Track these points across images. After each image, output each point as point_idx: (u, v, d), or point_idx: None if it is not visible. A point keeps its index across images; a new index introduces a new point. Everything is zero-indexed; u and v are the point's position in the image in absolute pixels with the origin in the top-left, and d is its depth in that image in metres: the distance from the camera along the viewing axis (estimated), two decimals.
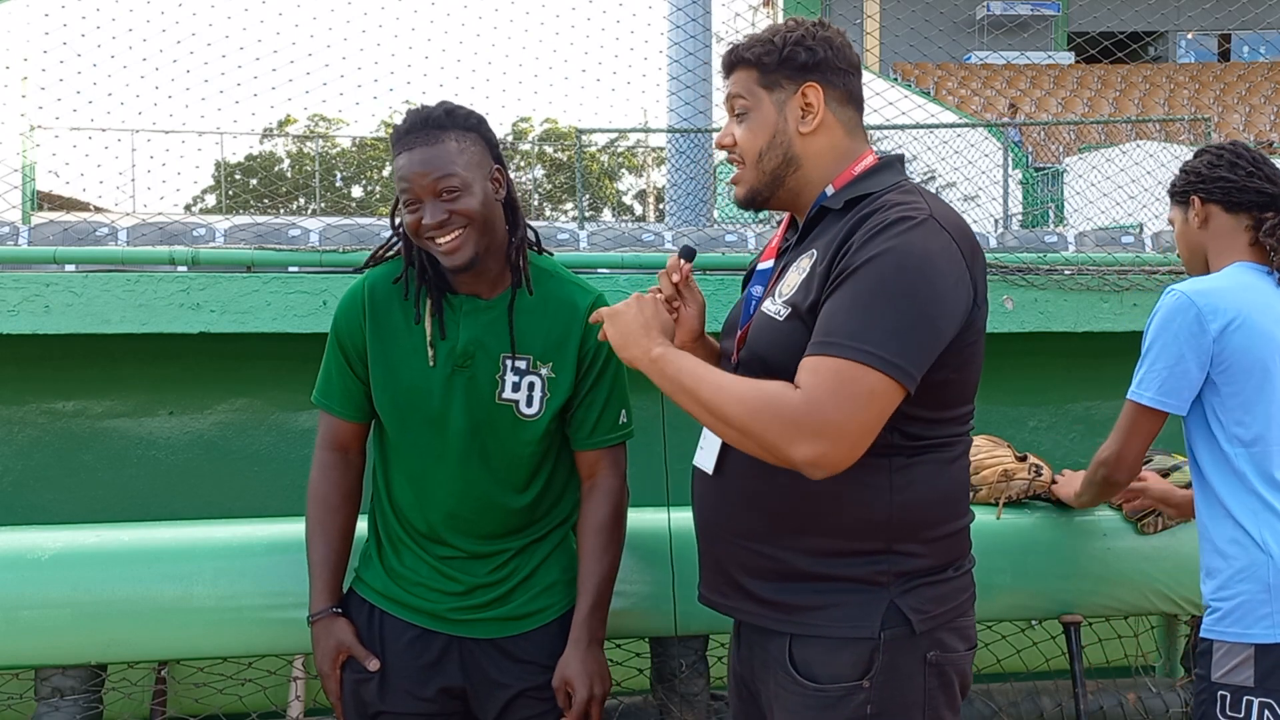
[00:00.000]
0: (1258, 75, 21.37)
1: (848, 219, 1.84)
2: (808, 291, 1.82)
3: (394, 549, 2.29)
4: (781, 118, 1.92)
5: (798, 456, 1.71)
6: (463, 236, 2.11)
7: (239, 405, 3.69)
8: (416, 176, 2.09)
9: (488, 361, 2.19)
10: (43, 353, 3.32)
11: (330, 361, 2.29)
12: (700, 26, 12.33)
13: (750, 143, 1.94)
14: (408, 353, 2.21)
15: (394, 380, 2.21)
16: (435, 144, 2.10)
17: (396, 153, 2.13)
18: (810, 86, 1.91)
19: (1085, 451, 3.99)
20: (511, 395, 2.19)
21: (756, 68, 1.93)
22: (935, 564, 1.87)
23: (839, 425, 1.70)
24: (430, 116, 2.13)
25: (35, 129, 14.30)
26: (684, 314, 2.04)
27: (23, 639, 2.41)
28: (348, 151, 32.97)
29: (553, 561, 2.29)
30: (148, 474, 3.63)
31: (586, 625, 2.22)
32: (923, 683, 1.84)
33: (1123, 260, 3.72)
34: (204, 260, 3.46)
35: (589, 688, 2.18)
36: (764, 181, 1.95)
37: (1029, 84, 21.33)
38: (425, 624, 2.24)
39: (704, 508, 2.01)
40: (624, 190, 36.26)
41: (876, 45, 21.34)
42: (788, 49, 1.91)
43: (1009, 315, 3.47)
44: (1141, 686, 2.90)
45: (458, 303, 2.21)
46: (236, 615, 2.47)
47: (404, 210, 2.13)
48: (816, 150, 1.93)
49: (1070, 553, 2.74)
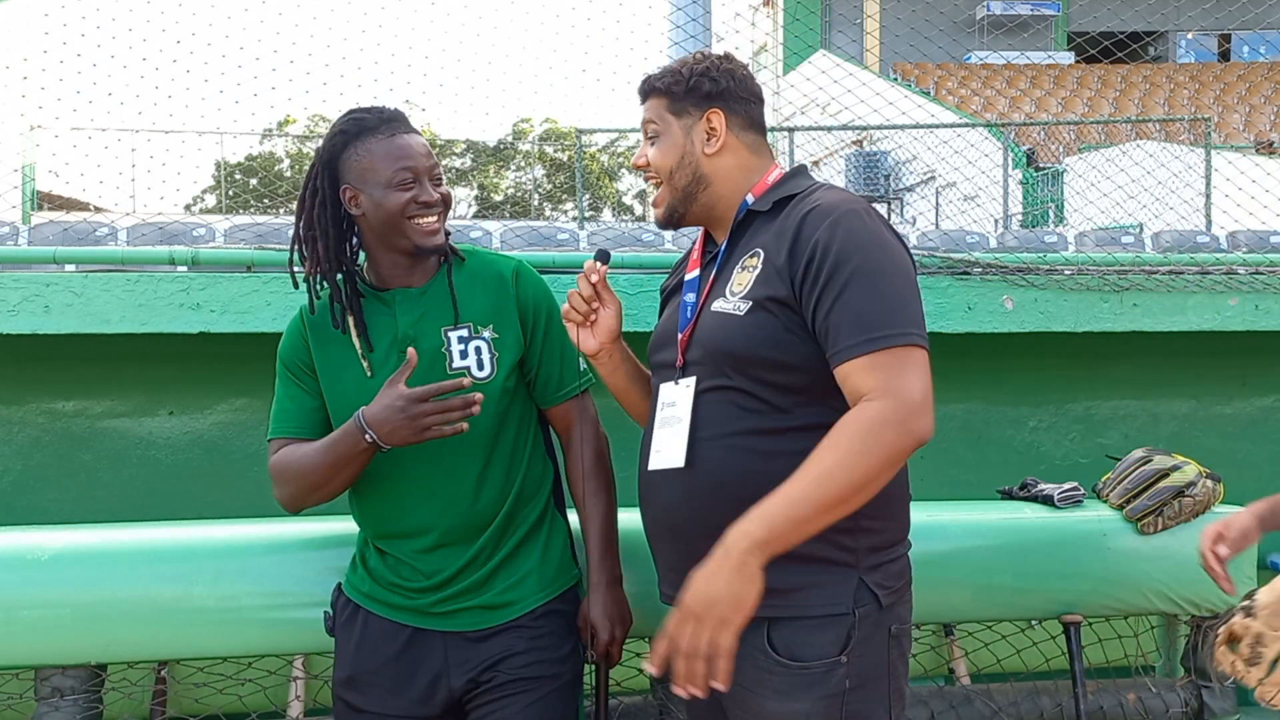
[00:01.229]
0: (1258, 75, 21.36)
1: (784, 217, 2.01)
2: (768, 284, 1.96)
3: (373, 550, 2.31)
4: (688, 140, 2.12)
5: (917, 439, 1.84)
6: (442, 220, 2.25)
7: (239, 405, 3.69)
8: (419, 155, 2.21)
9: (430, 339, 2.24)
10: (43, 353, 3.32)
11: (281, 392, 2.32)
12: (700, 26, 12.34)
13: (662, 162, 2.13)
14: (350, 369, 2.25)
15: (344, 395, 2.24)
16: (414, 134, 2.24)
17: (374, 139, 2.21)
18: (714, 112, 2.11)
19: (1085, 451, 4.01)
20: (461, 363, 2.25)
21: (666, 95, 2.14)
22: (892, 539, 2.01)
23: (924, 396, 1.85)
24: (395, 112, 2.25)
25: (35, 129, 14.29)
26: (602, 315, 2.21)
27: (23, 639, 2.41)
28: None
29: (527, 550, 2.31)
30: (148, 474, 3.63)
31: (602, 567, 2.33)
32: (886, 654, 1.97)
33: (1123, 260, 3.71)
34: (204, 260, 3.45)
35: (610, 630, 2.30)
36: (678, 198, 2.14)
37: (1029, 84, 21.31)
38: (411, 621, 2.26)
39: (668, 506, 2.06)
40: (624, 190, 36.27)
41: (876, 45, 21.35)
42: (693, 79, 2.12)
43: (1009, 315, 3.47)
44: (1141, 686, 2.90)
45: (388, 297, 2.27)
46: (236, 615, 2.48)
47: (390, 190, 2.19)
48: (724, 169, 2.12)
49: (1070, 553, 2.75)
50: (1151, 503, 2.77)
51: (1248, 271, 3.64)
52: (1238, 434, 4.09)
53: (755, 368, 1.95)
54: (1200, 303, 3.58)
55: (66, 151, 13.66)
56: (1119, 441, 3.80)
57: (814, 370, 1.93)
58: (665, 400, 2.08)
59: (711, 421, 2.00)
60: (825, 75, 7.95)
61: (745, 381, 1.97)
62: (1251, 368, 4.05)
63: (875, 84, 14.08)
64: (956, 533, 2.66)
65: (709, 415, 2.00)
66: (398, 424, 2.08)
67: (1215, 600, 2.77)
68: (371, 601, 2.28)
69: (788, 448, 1.92)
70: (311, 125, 32.23)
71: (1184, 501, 2.77)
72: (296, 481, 2.23)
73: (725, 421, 1.98)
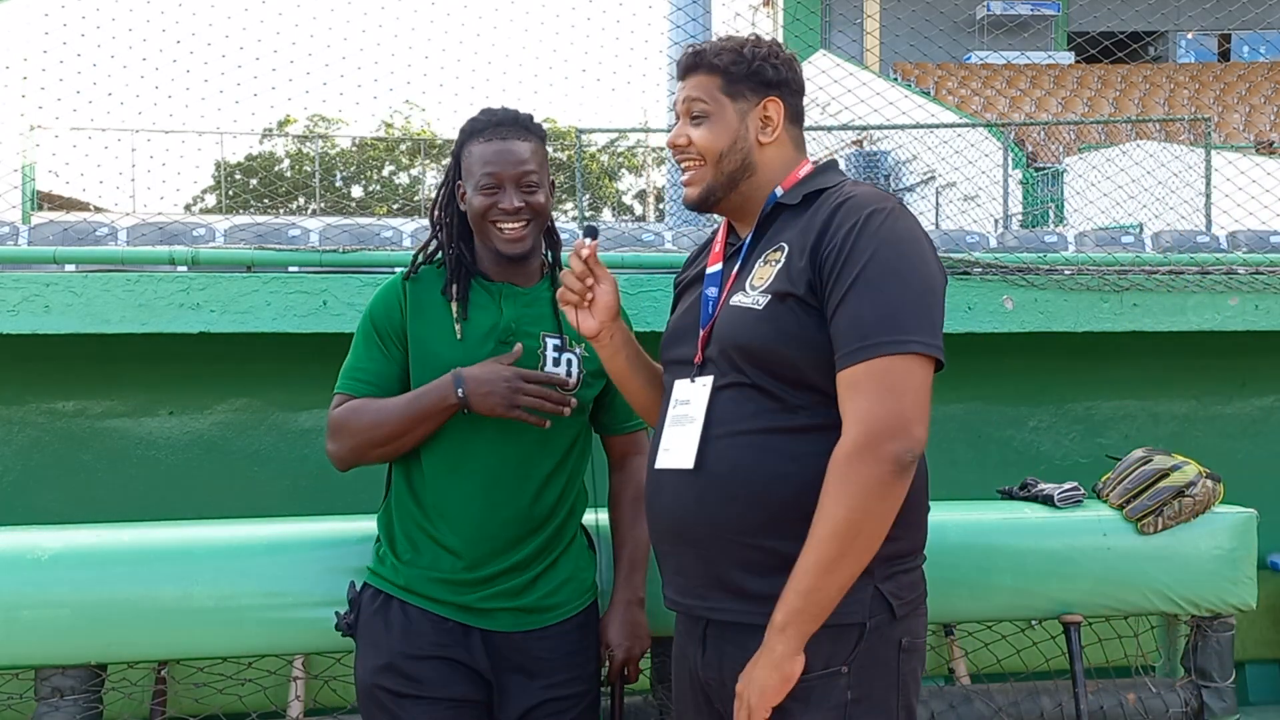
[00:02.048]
0: (1258, 75, 21.35)
1: (813, 211, 1.96)
2: (788, 280, 1.91)
3: (412, 544, 2.30)
4: (743, 125, 2.04)
5: (894, 460, 1.79)
6: (529, 228, 2.28)
7: (239, 405, 3.69)
8: (507, 163, 2.26)
9: (529, 339, 2.30)
10: (43, 353, 3.32)
11: (360, 351, 2.34)
12: (700, 26, 12.36)
13: (711, 144, 2.03)
14: (444, 329, 2.30)
15: (433, 354, 2.28)
16: (521, 139, 2.29)
17: (478, 141, 2.28)
18: (772, 101, 2.04)
19: (1085, 451, 4.01)
20: (553, 369, 2.31)
21: (722, 75, 2.04)
22: (909, 549, 1.96)
23: (896, 414, 1.80)
24: (514, 116, 2.31)
25: (35, 129, 14.28)
26: (598, 291, 2.13)
27: (23, 639, 2.41)
28: (347, 151, 32.96)
29: (567, 557, 2.35)
30: (148, 474, 3.63)
31: (628, 585, 2.39)
32: (897, 667, 1.92)
33: (1123, 260, 3.71)
34: (204, 260, 3.46)
35: (626, 650, 2.36)
36: (720, 183, 2.05)
37: (1029, 84, 21.31)
38: (452, 615, 2.26)
39: (676, 507, 1.98)
40: (624, 190, 36.27)
41: (876, 45, 21.34)
42: (756, 63, 2.03)
43: (1009, 315, 3.47)
44: (1141, 686, 2.90)
45: (495, 289, 2.33)
46: (236, 615, 2.47)
47: (477, 193, 2.27)
48: (769, 160, 2.05)
49: (1070, 553, 2.74)
50: (1151, 503, 2.77)
51: (1248, 271, 3.64)
52: (1238, 434, 4.09)
53: (770, 363, 1.90)
54: (1200, 303, 3.58)
55: (66, 151, 13.66)
56: (1119, 441, 3.80)
57: (830, 369, 1.87)
58: (679, 397, 2.02)
59: (725, 419, 1.93)
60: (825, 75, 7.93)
61: (760, 377, 1.91)
62: (1251, 368, 4.05)
63: (875, 84, 14.07)
64: (956, 533, 2.66)
65: (723, 412, 1.94)
66: (496, 390, 2.17)
67: (1215, 600, 2.77)
68: (408, 594, 2.28)
69: (803, 449, 1.88)
70: (311, 125, 32.23)
71: (1184, 501, 2.77)
72: (366, 433, 2.25)
73: (739, 419, 1.92)
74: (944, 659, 3.19)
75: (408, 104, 32.12)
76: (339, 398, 2.31)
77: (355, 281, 3.29)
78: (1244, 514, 2.81)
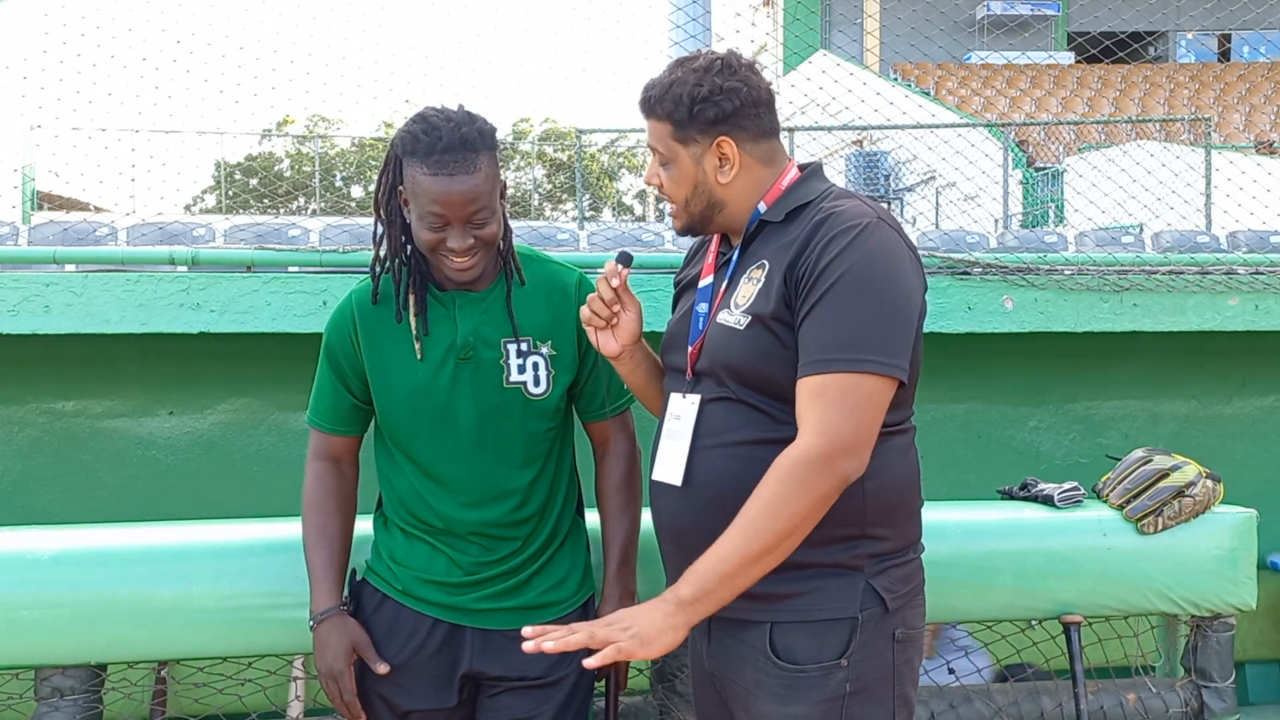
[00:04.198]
0: (1258, 75, 21.34)
1: (795, 227, 1.95)
2: (767, 299, 1.93)
3: (408, 544, 2.30)
4: (700, 169, 2.01)
5: (843, 478, 1.82)
6: (479, 258, 2.17)
7: (239, 405, 3.70)
8: (454, 205, 2.10)
9: (489, 349, 2.23)
10: (43, 353, 3.32)
11: (322, 379, 2.33)
12: (700, 26, 12.34)
13: (675, 192, 2.04)
14: (401, 355, 2.24)
15: (395, 384, 2.24)
16: (472, 171, 2.09)
17: (425, 170, 2.09)
18: (724, 141, 1.99)
19: (1085, 451, 4.01)
20: (519, 377, 2.25)
21: (670, 122, 2.00)
22: (900, 545, 1.99)
23: (855, 434, 1.83)
24: (465, 138, 2.10)
25: (35, 129, 14.28)
26: (623, 318, 2.13)
27: (23, 639, 2.41)
28: (347, 151, 32.95)
29: (563, 553, 2.34)
30: (148, 474, 3.63)
31: (617, 581, 2.34)
32: (892, 659, 1.95)
33: (1123, 260, 3.71)
34: (204, 260, 3.46)
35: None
36: (696, 220, 2.06)
37: (1029, 84, 21.30)
38: (444, 616, 2.27)
39: (673, 517, 2.05)
40: (624, 190, 36.26)
41: (876, 45, 21.33)
42: (697, 106, 1.97)
43: (1009, 315, 3.47)
44: (1141, 686, 2.90)
45: (448, 299, 2.24)
46: (236, 615, 2.48)
47: (423, 227, 2.13)
48: (737, 192, 2.03)
49: (1070, 553, 2.75)
50: (1151, 503, 2.77)
51: (1248, 271, 3.64)
52: (1238, 434, 4.09)
53: (753, 380, 1.94)
54: (1200, 303, 3.58)
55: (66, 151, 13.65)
56: (1119, 441, 3.80)
57: None
58: (673, 412, 2.07)
59: (712, 430, 1.99)
60: (825, 75, 7.94)
61: (746, 393, 1.96)
62: (1251, 368, 4.05)
63: (875, 84, 14.07)
64: (956, 533, 2.66)
65: (710, 425, 1.99)
66: (322, 668, 2.22)
67: (1215, 600, 2.77)
68: (401, 594, 2.28)
69: None
70: (311, 125, 32.23)
71: (1184, 501, 2.77)
72: (302, 530, 2.33)
73: (725, 430, 1.97)
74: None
75: (408, 104, 32.07)
76: (313, 434, 2.35)
77: (355, 282, 3.27)
78: (1244, 514, 2.82)
